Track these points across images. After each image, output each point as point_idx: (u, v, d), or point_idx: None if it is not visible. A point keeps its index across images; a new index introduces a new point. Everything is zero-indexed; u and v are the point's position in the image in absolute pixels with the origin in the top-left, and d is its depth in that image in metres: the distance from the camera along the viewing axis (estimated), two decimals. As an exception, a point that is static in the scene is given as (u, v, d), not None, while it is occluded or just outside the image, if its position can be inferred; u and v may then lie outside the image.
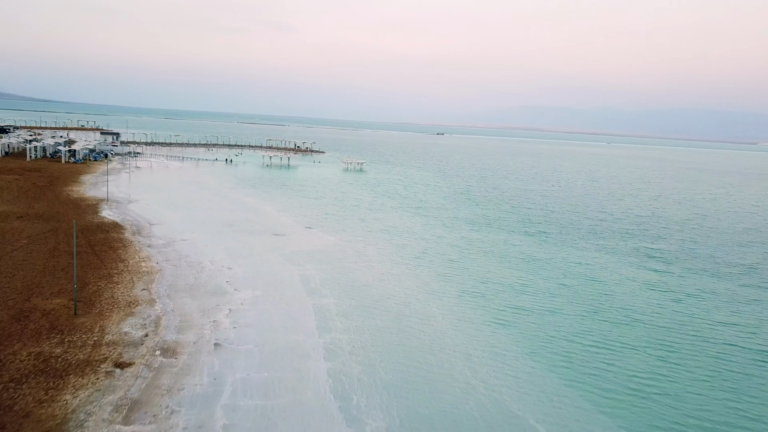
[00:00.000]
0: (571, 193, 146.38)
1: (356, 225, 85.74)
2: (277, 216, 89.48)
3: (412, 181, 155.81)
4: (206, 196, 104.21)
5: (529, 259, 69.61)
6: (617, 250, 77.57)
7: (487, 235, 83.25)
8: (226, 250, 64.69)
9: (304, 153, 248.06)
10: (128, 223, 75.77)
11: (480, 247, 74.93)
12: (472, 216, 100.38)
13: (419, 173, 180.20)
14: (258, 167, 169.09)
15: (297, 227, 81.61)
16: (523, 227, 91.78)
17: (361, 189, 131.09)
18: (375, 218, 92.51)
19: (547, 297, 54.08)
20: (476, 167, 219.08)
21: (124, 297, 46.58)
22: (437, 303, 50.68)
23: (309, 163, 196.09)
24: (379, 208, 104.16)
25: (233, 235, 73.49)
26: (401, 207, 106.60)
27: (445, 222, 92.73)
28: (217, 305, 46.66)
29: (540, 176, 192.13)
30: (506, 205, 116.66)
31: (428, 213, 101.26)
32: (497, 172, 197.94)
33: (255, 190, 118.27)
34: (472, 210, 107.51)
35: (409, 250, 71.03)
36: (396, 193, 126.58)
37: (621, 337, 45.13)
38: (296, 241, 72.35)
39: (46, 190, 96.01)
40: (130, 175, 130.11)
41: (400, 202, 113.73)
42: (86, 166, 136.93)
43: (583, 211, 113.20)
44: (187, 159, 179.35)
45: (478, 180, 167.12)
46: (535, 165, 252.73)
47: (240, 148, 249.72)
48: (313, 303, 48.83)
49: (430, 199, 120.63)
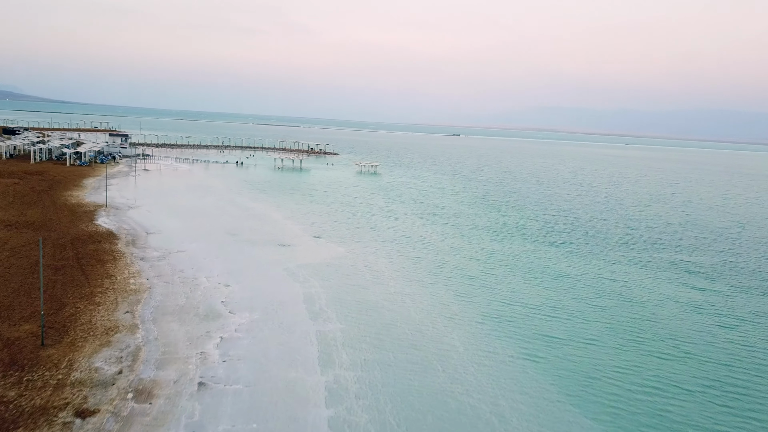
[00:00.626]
0: (594, 197, 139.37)
1: (367, 234, 79.98)
2: (284, 223, 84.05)
3: (427, 184, 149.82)
4: (211, 202, 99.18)
5: (556, 274, 63.31)
6: (652, 264, 70.96)
7: (510, 246, 77.04)
8: (225, 264, 59.31)
9: (317, 155, 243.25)
10: (124, 232, 70.75)
11: (502, 260, 68.75)
12: (492, 224, 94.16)
13: (435, 176, 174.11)
14: (269, 170, 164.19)
15: (304, 236, 76.07)
16: (547, 237, 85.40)
17: (374, 193, 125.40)
18: (387, 226, 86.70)
19: (582, 323, 47.83)
20: (494, 170, 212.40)
21: (103, 322, 41.24)
22: (457, 330, 44.70)
23: (322, 165, 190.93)
24: (392, 214, 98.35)
25: (235, 245, 68.13)
26: (416, 213, 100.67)
27: (463, 231, 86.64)
28: (207, 332, 41.15)
29: (561, 179, 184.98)
30: (527, 211, 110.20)
31: (445, 220, 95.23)
32: (516, 175, 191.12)
33: (263, 194, 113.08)
34: (491, 217, 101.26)
35: (425, 263, 65.08)
36: (410, 198, 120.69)
37: (672, 375, 38.80)
38: (302, 252, 66.78)
39: (43, 195, 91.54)
40: (135, 179, 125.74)
41: (415, 207, 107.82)
42: (91, 169, 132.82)
43: (609, 218, 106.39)
44: (196, 161, 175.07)
45: (496, 183, 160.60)
46: (554, 167, 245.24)
47: (252, 149, 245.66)
48: (316, 329, 43.12)
49: (446, 204, 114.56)
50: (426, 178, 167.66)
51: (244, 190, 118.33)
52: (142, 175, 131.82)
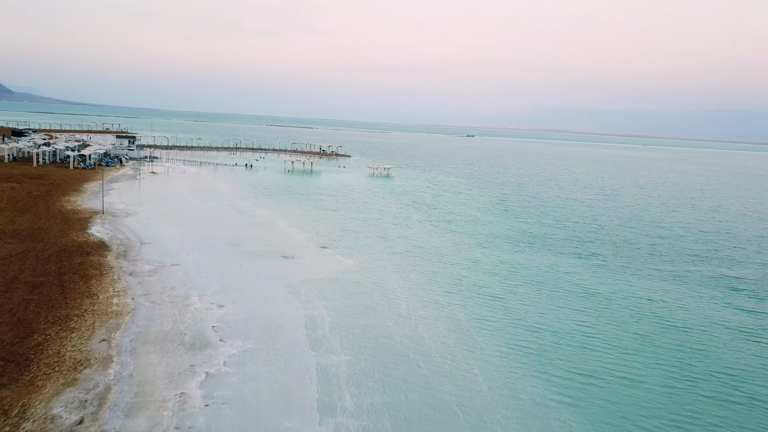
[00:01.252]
0: (618, 202, 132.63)
1: (377, 244, 74.38)
2: (289, 232, 78.78)
3: (441, 188, 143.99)
4: (215, 207, 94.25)
5: (586, 293, 57.29)
6: (690, 279, 64.62)
7: (532, 258, 71.05)
8: (221, 280, 54.10)
9: (329, 157, 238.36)
10: (117, 242, 65.85)
11: (525, 275, 62.82)
12: (512, 232, 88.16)
13: (450, 179, 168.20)
14: (278, 173, 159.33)
15: (310, 247, 70.70)
16: (572, 247, 79.27)
17: (386, 198, 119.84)
18: (399, 235, 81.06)
19: (621, 355, 41.85)
20: (511, 172, 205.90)
21: (74, 353, 36.11)
22: (479, 364, 38.95)
23: (333, 168, 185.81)
24: (404, 221, 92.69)
25: (235, 257, 62.92)
26: (430, 220, 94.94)
27: (481, 240, 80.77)
28: (191, 366, 35.85)
29: (581, 183, 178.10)
30: (549, 218, 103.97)
31: (460, 228, 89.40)
32: (534, 178, 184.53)
33: (270, 199, 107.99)
34: (510, 224, 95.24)
35: (440, 279, 59.34)
36: (424, 203, 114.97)
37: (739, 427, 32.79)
38: (307, 265, 61.39)
39: (39, 201, 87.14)
40: (139, 182, 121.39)
41: (429, 214, 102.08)
42: (95, 172, 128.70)
43: (637, 226, 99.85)
44: (205, 164, 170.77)
45: (514, 187, 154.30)
46: (573, 170, 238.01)
47: (264, 151, 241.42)
48: (317, 363, 37.64)
49: (462, 210, 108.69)
50: (440, 181, 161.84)
51: (250, 194, 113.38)
52: (147, 179, 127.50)
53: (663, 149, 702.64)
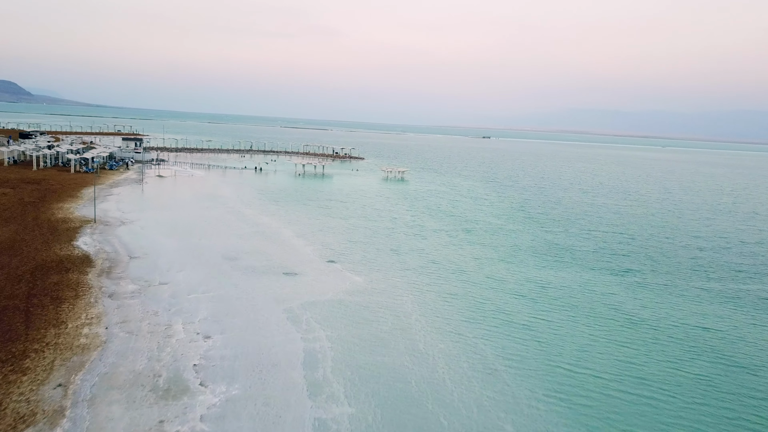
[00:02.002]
0: (647, 209, 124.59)
1: (389, 259, 67.61)
2: (294, 244, 72.33)
3: (458, 193, 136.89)
4: (217, 215, 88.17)
5: (629, 320, 50.06)
6: (744, 301, 57.08)
7: (562, 276, 63.87)
8: (212, 303, 47.74)
9: (342, 159, 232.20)
10: (103, 256, 59.85)
11: (557, 297, 55.70)
12: (537, 243, 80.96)
13: (467, 183, 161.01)
14: (288, 177, 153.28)
15: (315, 261, 64.17)
16: (604, 261, 71.91)
17: (400, 204, 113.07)
18: (413, 248, 74.20)
19: (685, 407, 34.63)
20: (530, 175, 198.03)
21: (19, 404, 29.84)
22: (512, 417, 32.03)
23: (346, 171, 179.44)
24: (419, 231, 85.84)
25: (231, 274, 56.58)
26: (446, 230, 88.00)
27: (503, 253, 73.68)
28: (160, 422, 29.42)
29: (604, 186, 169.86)
30: (575, 227, 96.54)
31: (480, 239, 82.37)
32: (555, 182, 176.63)
33: (277, 206, 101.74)
34: (534, 234, 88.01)
35: (460, 303, 52.42)
36: (440, 210, 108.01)
37: None
38: (310, 285, 54.86)
39: (29, 209, 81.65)
40: (142, 187, 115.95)
41: (445, 222, 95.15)
42: (96, 177, 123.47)
43: (672, 236, 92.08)
44: (213, 167, 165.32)
45: (535, 192, 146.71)
46: (594, 172, 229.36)
47: (276, 154, 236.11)
48: (315, 416, 31.04)
49: (480, 217, 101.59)
50: (457, 185, 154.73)
51: (256, 200, 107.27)
52: (151, 183, 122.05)
53: (682, 151, 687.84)
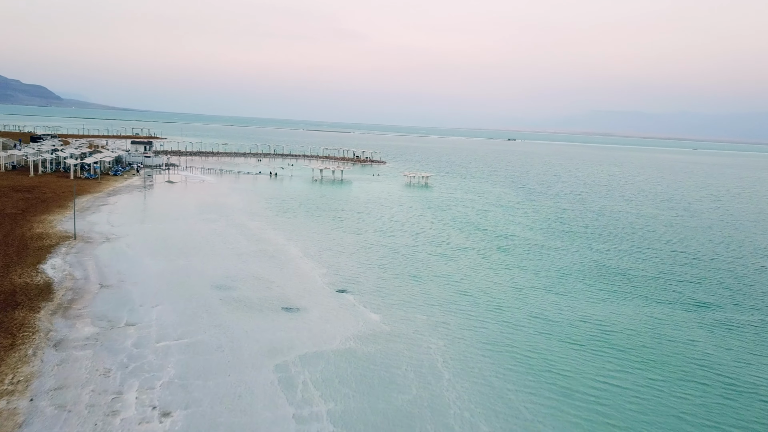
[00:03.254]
0: (700, 220, 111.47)
1: (410, 288, 56.52)
2: (300, 266, 61.82)
3: (487, 200, 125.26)
4: (218, 229, 78.22)
5: (726, 382, 38.25)
6: None
7: (622, 312, 52.15)
8: (186, 355, 37.38)
9: (363, 163, 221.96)
10: (68, 285, 50.02)
11: (623, 347, 44.01)
12: (584, 266, 69.17)
13: (496, 189, 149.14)
14: (304, 183, 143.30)
15: (323, 290, 53.53)
16: (670, 291, 59.91)
17: (423, 214, 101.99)
18: (439, 273, 63.00)
19: None
20: (562, 180, 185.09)
21: None
22: None
23: (366, 176, 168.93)
24: (444, 249, 74.63)
25: (219, 311, 46.21)
26: (476, 248, 76.67)
27: (547, 281, 62.12)
28: None
29: (646, 193, 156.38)
30: (624, 243, 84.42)
31: (517, 260, 70.89)
32: (591, 188, 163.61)
33: (286, 217, 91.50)
34: (579, 253, 76.20)
35: (503, 358, 41.03)
36: (468, 222, 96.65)
37: None
38: (314, 326, 44.19)
39: (5, 222, 72.57)
40: (144, 194, 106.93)
41: (475, 237, 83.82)
42: (97, 183, 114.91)
43: (740, 255, 79.38)
44: (226, 172, 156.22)
45: (571, 199, 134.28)
46: (630, 177, 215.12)
47: (294, 158, 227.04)
48: None
49: (515, 231, 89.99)
50: (485, 191, 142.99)
51: (265, 210, 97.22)
52: (155, 190, 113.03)
53: (716, 153, 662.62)
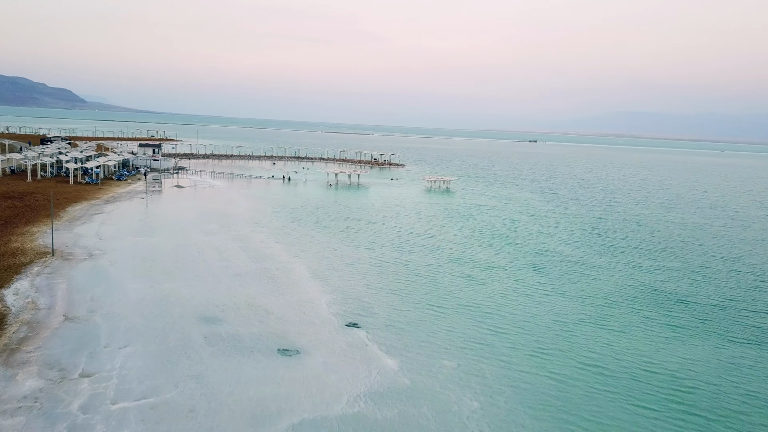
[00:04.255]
0: (755, 231, 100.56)
1: (432, 321, 47.55)
2: (304, 290, 53.33)
3: (514, 208, 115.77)
4: (217, 243, 70.16)
5: None
6: None
7: (695, 354, 42.62)
8: (146, 425, 29.00)
9: (381, 166, 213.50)
10: (26, 316, 42.12)
11: (706, 404, 34.62)
12: (634, 290, 59.57)
13: (522, 195, 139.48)
14: (318, 188, 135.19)
15: (330, 324, 44.93)
16: (747, 325, 50.11)
17: (445, 225, 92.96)
18: (466, 300, 53.83)
19: None
20: (592, 185, 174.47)
21: None
22: None
23: (384, 180, 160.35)
24: (470, 269, 65.44)
25: (200, 354, 37.87)
26: (507, 267, 67.43)
27: (595, 311, 52.73)
28: None
29: (684, 200, 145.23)
30: (675, 260, 74.51)
31: (555, 282, 61.51)
32: (624, 193, 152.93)
33: (295, 228, 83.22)
34: (625, 273, 66.54)
35: (555, 424, 32.06)
36: (495, 233, 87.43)
37: None
38: (315, 377, 35.59)
39: (-18, 235, 65.37)
40: (146, 201, 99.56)
41: (504, 253, 74.59)
42: (97, 189, 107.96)
43: (811, 275, 69.04)
44: (237, 176, 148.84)
45: (605, 206, 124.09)
46: (663, 181, 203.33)
47: (310, 161, 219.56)
48: None
49: (548, 245, 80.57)
50: (511, 197, 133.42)
51: (273, 220, 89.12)
52: (158, 197, 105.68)
53: (743, 155, 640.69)
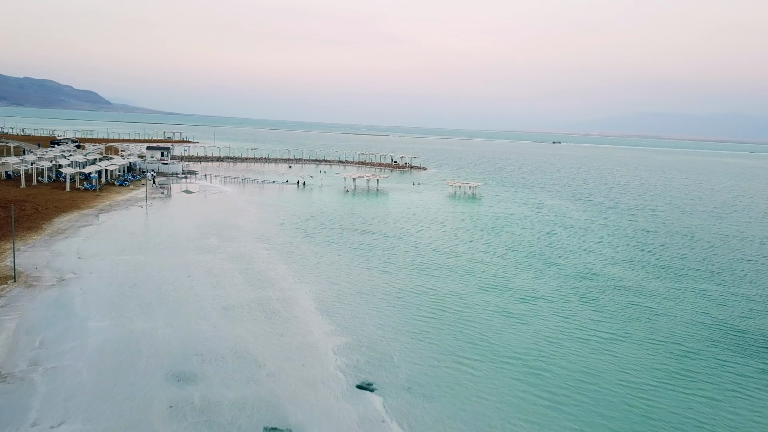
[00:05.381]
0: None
1: (468, 382, 37.13)
2: (308, 330, 43.42)
3: (548, 218, 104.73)
4: (213, 264, 60.74)
5: None
6: None
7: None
8: None
9: (401, 170, 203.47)
10: (-53, 373, 32.89)
11: None
12: (712, 330, 48.54)
13: (555, 202, 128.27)
14: (335, 194, 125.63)
15: (335, 384, 34.94)
16: None
17: (472, 239, 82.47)
18: (505, 348, 43.24)
19: None
20: (627, 190, 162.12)
21: None
22: None
23: (405, 185, 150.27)
24: (507, 301, 54.87)
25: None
26: (551, 297, 56.76)
27: (671, 362, 41.92)
28: None
29: (735, 209, 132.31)
30: (748, 284, 63.08)
31: (614, 321, 50.67)
32: (666, 200, 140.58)
33: (304, 244, 73.53)
34: (695, 305, 55.41)
35: None
36: (531, 250, 76.72)
37: None
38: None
39: (-57, 254, 56.85)
40: (146, 210, 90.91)
41: (545, 277, 63.85)
42: (94, 196, 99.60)
43: None
44: (249, 181, 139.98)
45: (649, 216, 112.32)
46: (706, 187, 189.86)
47: (328, 163, 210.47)
48: None
49: (594, 265, 69.66)
50: (543, 205, 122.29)
51: (281, 232, 79.63)
52: (161, 203, 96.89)
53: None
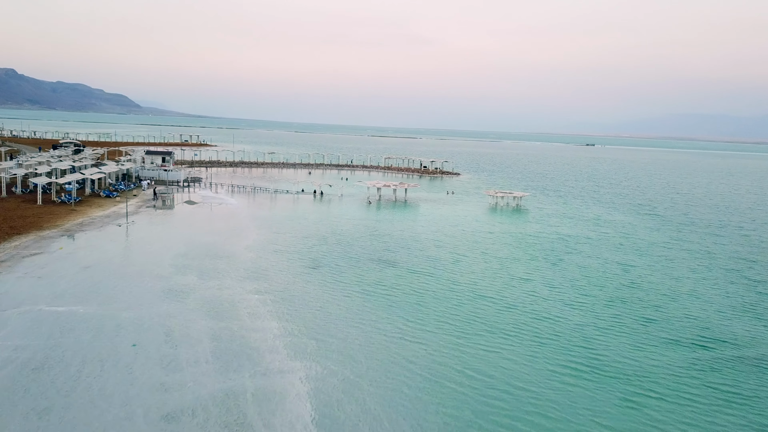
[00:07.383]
0: None
1: None
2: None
3: (613, 239, 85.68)
4: (175, 322, 43.88)
5: None
6: None
7: None
8: None
9: (432, 175, 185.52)
10: None
11: None
12: None
13: (614, 216, 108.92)
14: (356, 205, 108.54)
15: None
16: None
17: (528, 276, 64.11)
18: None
19: None
20: (693, 201, 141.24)
21: None
22: None
23: (437, 194, 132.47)
24: (598, 391, 36.61)
25: None
26: (666, 377, 38.32)
27: None
28: None
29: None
30: None
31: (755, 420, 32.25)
32: (744, 214, 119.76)
33: (309, 283, 56.22)
34: None
35: None
36: (608, 292, 58.08)
37: None
38: None
39: None
40: (126, 229, 75.06)
41: (643, 339, 45.17)
42: (68, 211, 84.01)
43: None
44: (260, 190, 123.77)
45: (737, 237, 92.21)
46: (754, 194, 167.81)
47: (351, 168, 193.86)
48: None
49: (705, 317, 50.89)
50: (602, 220, 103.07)
51: (282, 264, 62.52)
52: (146, 219, 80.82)
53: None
